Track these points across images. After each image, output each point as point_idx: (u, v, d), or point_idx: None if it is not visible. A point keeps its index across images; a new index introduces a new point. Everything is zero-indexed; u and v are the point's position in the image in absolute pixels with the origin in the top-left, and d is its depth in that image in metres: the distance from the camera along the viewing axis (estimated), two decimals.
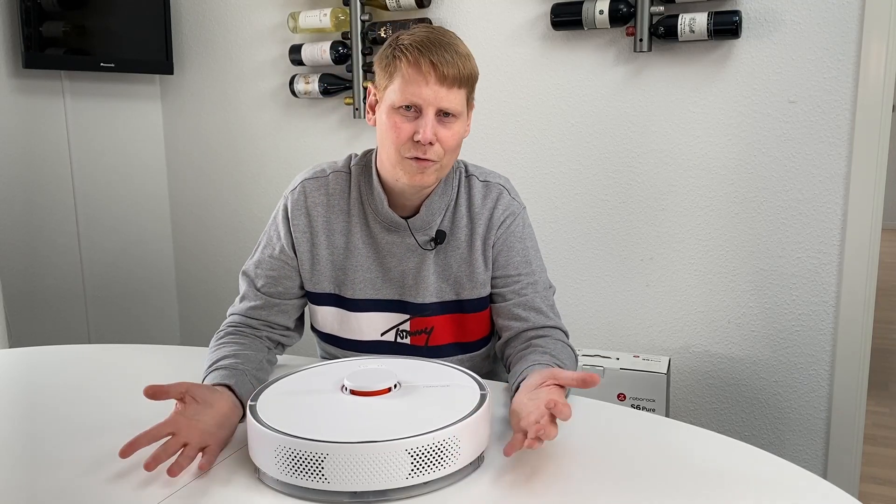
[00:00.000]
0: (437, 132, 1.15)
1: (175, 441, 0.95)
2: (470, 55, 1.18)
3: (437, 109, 1.15)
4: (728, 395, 2.21)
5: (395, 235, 1.26)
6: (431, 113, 1.14)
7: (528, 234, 1.30)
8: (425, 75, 1.13)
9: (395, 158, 1.18)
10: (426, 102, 1.14)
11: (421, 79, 1.13)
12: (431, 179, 1.19)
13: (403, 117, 1.15)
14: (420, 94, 1.13)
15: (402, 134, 1.15)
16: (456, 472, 0.93)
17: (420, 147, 1.15)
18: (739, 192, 2.11)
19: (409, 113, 1.15)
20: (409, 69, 1.14)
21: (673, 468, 0.96)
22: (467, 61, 1.16)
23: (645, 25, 2.07)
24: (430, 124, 1.14)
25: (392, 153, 1.18)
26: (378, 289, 1.28)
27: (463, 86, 1.16)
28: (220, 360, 1.17)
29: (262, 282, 1.29)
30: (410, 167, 1.17)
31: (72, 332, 2.66)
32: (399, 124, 1.16)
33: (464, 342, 1.31)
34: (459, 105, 1.17)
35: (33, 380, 1.32)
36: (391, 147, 1.17)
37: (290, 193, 1.30)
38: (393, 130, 1.16)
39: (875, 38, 1.91)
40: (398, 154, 1.17)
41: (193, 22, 2.81)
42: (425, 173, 1.17)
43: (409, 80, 1.14)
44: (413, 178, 1.18)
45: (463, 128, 1.20)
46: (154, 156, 2.93)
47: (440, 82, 1.13)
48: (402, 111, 1.15)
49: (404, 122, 1.15)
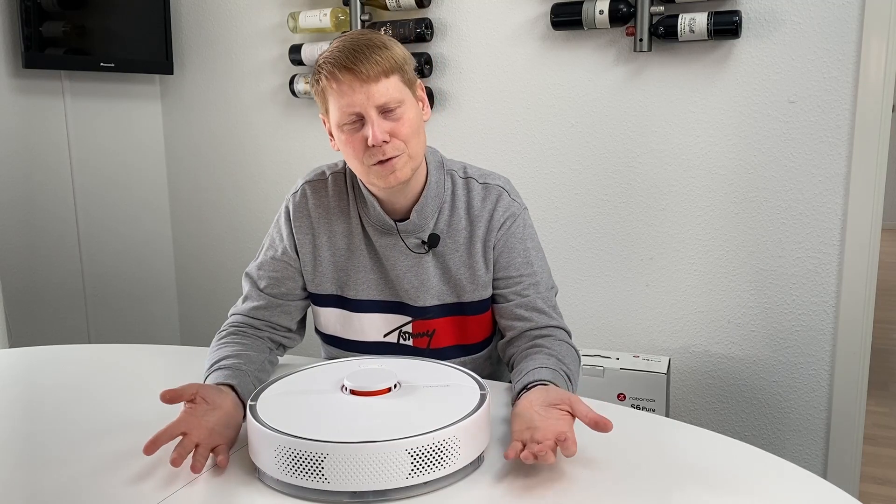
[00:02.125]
0: (387, 128, 1.14)
1: (189, 440, 0.97)
2: (386, 43, 1.15)
3: (376, 108, 1.14)
4: (728, 395, 2.21)
5: (388, 238, 1.26)
6: (373, 114, 1.13)
7: (529, 235, 1.29)
8: (349, 83, 1.13)
9: (362, 171, 1.18)
10: (362, 107, 1.13)
11: (346, 88, 1.13)
12: (406, 173, 1.18)
13: (351, 130, 1.15)
14: (353, 103, 1.13)
15: (356, 146, 1.16)
16: (456, 472, 0.93)
17: (377, 150, 1.14)
18: (739, 192, 2.11)
19: (354, 124, 1.15)
20: (332, 84, 1.14)
21: (673, 468, 0.96)
22: (383, 50, 1.14)
23: (645, 25, 2.07)
24: (376, 125, 1.13)
25: (358, 167, 1.19)
26: (379, 290, 1.28)
27: (391, 74, 1.14)
28: (222, 360, 1.17)
29: (265, 282, 1.29)
30: (379, 172, 1.16)
31: (72, 332, 2.66)
32: (349, 139, 1.16)
33: (465, 344, 1.31)
34: (396, 93, 1.15)
35: (33, 380, 1.32)
36: (354, 162, 1.18)
37: (291, 196, 1.31)
38: (348, 146, 1.17)
39: (875, 38, 1.91)
40: (363, 166, 1.17)
41: (193, 22, 2.81)
42: (396, 171, 1.16)
43: (338, 95, 1.14)
44: (388, 181, 1.17)
45: (413, 111, 1.18)
46: (154, 156, 2.93)
47: (364, 82, 1.12)
48: (348, 126, 1.15)
49: (353, 134, 1.15)
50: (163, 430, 0.97)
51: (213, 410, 1.02)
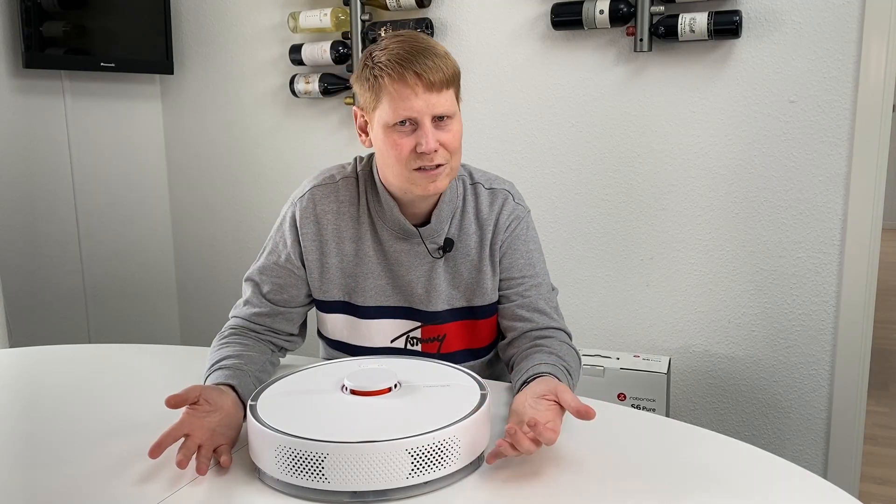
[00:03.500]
0: (438, 137, 1.14)
1: (192, 442, 0.97)
2: (447, 53, 1.16)
3: (432, 117, 1.14)
4: (728, 395, 2.21)
5: (405, 244, 1.25)
6: (428, 122, 1.13)
7: (531, 237, 1.30)
8: (413, 87, 1.12)
9: (402, 174, 1.17)
10: (420, 113, 1.12)
11: (409, 92, 1.12)
12: (445, 184, 1.18)
13: (401, 133, 1.14)
14: (413, 108, 1.12)
15: (403, 150, 1.14)
16: (456, 472, 0.93)
17: (425, 157, 1.14)
18: (739, 192, 2.11)
19: (405, 128, 1.14)
20: (395, 85, 1.12)
21: (673, 468, 0.96)
22: (448, 60, 1.15)
23: (645, 25, 2.07)
24: (430, 133, 1.13)
25: (398, 170, 1.16)
26: (388, 296, 1.27)
27: (450, 86, 1.15)
28: (223, 360, 1.17)
29: (268, 288, 1.27)
30: (420, 179, 1.16)
31: (72, 332, 2.66)
32: (398, 141, 1.14)
33: (475, 348, 1.31)
34: (452, 106, 1.16)
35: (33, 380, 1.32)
36: (395, 164, 1.16)
37: (298, 200, 1.28)
38: (394, 148, 1.15)
39: (875, 38, 1.91)
40: (405, 169, 1.16)
41: (193, 22, 2.81)
42: (437, 180, 1.16)
43: (397, 97, 1.12)
44: (427, 189, 1.16)
45: (459, 126, 1.19)
46: (154, 156, 2.93)
47: (429, 90, 1.12)
48: (398, 127, 1.14)
49: (403, 137, 1.14)
50: (166, 433, 0.97)
51: (215, 411, 1.02)
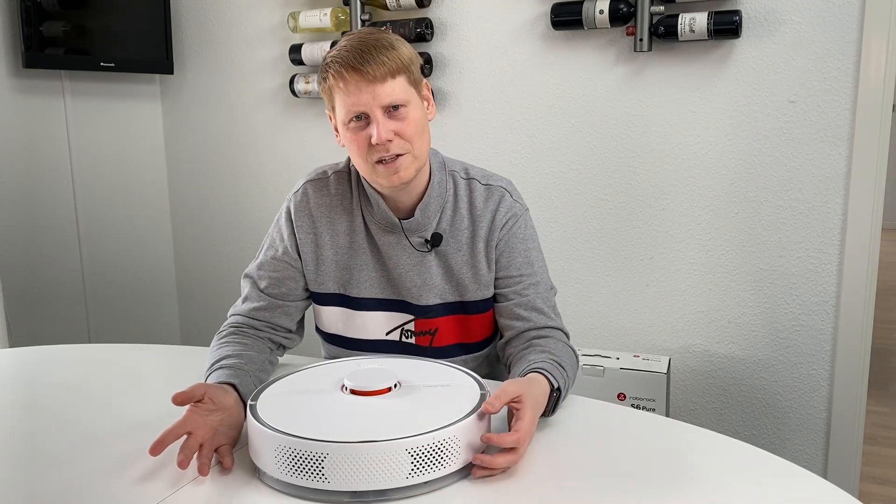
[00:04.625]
0: (392, 127, 1.15)
1: (193, 440, 0.97)
2: (393, 43, 1.16)
3: (382, 108, 1.15)
4: (728, 395, 2.21)
5: (392, 236, 1.27)
6: (378, 114, 1.15)
7: (530, 236, 1.30)
8: (356, 83, 1.14)
9: (366, 168, 1.19)
10: (368, 106, 1.15)
11: (352, 87, 1.14)
12: (410, 172, 1.19)
13: (356, 129, 1.17)
14: (359, 102, 1.14)
15: (360, 143, 1.17)
16: (456, 472, 0.93)
17: (380, 148, 1.15)
18: (739, 192, 2.11)
19: (360, 122, 1.17)
20: (340, 83, 1.15)
21: (673, 468, 0.96)
22: (391, 51, 1.15)
23: (645, 25, 2.07)
24: (381, 124, 1.15)
25: (361, 164, 1.20)
26: (382, 288, 1.28)
27: (398, 74, 1.16)
28: (223, 359, 1.17)
29: (266, 283, 1.29)
30: (382, 171, 1.18)
31: (72, 332, 2.66)
32: (354, 137, 1.17)
33: (467, 343, 1.31)
34: (402, 93, 1.16)
35: (33, 380, 1.32)
36: (358, 159, 1.19)
37: (292, 196, 1.31)
38: (353, 144, 1.18)
39: (875, 38, 1.91)
40: (367, 164, 1.18)
41: (193, 22, 2.81)
42: (400, 171, 1.18)
43: (345, 93, 1.15)
44: (391, 180, 1.18)
45: (419, 112, 1.19)
46: (154, 156, 2.93)
47: (371, 82, 1.14)
48: (353, 123, 1.17)
49: (358, 132, 1.17)
50: (168, 430, 0.97)
51: (217, 410, 1.02)
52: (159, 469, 0.97)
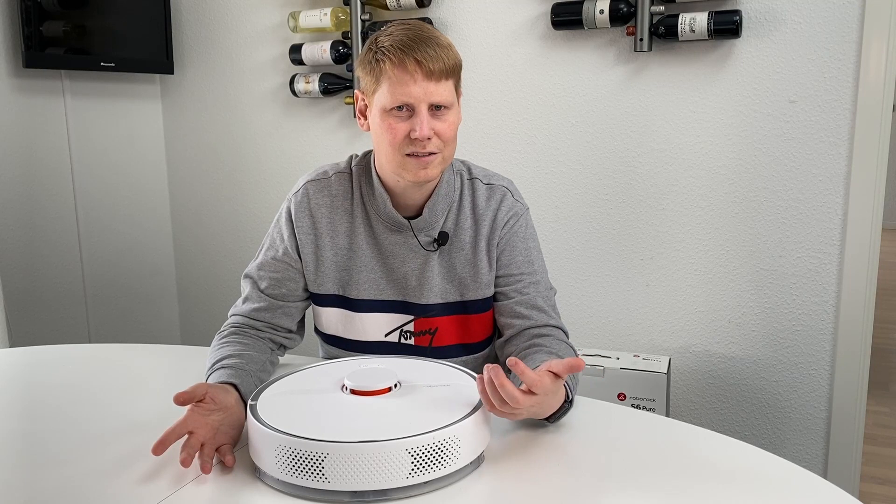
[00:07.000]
0: (433, 126, 1.16)
1: (194, 439, 0.97)
2: (451, 45, 1.18)
3: (429, 105, 1.15)
4: (728, 395, 2.21)
5: (398, 236, 1.26)
6: (424, 109, 1.15)
7: (530, 235, 1.30)
8: (412, 74, 1.14)
9: (395, 159, 1.18)
10: (417, 100, 1.14)
11: (408, 78, 1.14)
12: (436, 172, 1.20)
13: (397, 118, 1.16)
14: (410, 93, 1.14)
15: (398, 134, 1.16)
16: (456, 472, 0.93)
17: (418, 143, 1.15)
18: (739, 192, 2.11)
19: (401, 113, 1.16)
20: (395, 70, 1.14)
21: (673, 468, 0.96)
22: (450, 51, 1.17)
23: (645, 25, 2.07)
24: (425, 120, 1.15)
25: (391, 154, 1.18)
26: (382, 289, 1.28)
27: (450, 77, 1.17)
28: (224, 359, 1.17)
29: (266, 283, 1.29)
30: (411, 164, 1.17)
31: (72, 332, 2.66)
32: (394, 125, 1.16)
33: (467, 343, 1.31)
34: (450, 96, 1.18)
35: (33, 380, 1.32)
36: (389, 148, 1.18)
37: (293, 196, 1.30)
38: (389, 132, 1.17)
39: (875, 38, 1.91)
40: (397, 153, 1.17)
41: (193, 22, 2.81)
42: (429, 168, 1.18)
43: (396, 81, 1.14)
44: (417, 175, 1.18)
45: (456, 117, 1.21)
46: (154, 156, 2.93)
47: (428, 78, 1.14)
48: (395, 112, 1.16)
49: (398, 122, 1.16)
50: (170, 430, 0.97)
51: (218, 410, 1.03)
52: (159, 469, 0.97)
